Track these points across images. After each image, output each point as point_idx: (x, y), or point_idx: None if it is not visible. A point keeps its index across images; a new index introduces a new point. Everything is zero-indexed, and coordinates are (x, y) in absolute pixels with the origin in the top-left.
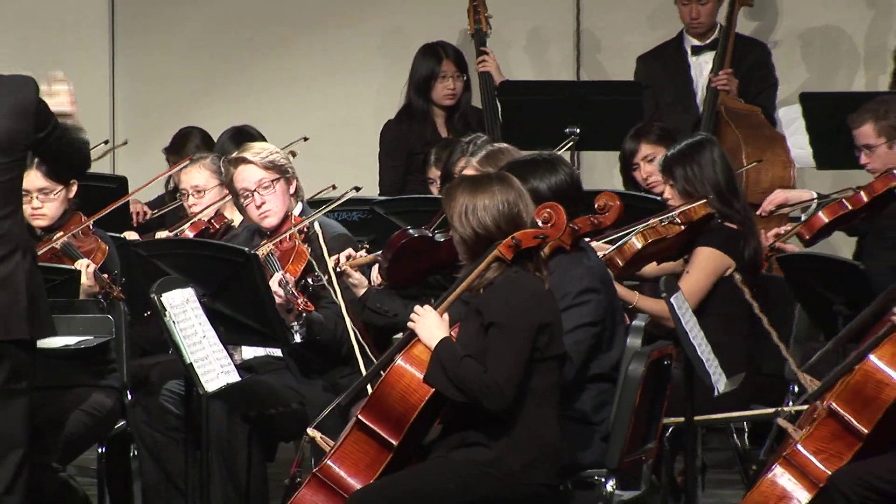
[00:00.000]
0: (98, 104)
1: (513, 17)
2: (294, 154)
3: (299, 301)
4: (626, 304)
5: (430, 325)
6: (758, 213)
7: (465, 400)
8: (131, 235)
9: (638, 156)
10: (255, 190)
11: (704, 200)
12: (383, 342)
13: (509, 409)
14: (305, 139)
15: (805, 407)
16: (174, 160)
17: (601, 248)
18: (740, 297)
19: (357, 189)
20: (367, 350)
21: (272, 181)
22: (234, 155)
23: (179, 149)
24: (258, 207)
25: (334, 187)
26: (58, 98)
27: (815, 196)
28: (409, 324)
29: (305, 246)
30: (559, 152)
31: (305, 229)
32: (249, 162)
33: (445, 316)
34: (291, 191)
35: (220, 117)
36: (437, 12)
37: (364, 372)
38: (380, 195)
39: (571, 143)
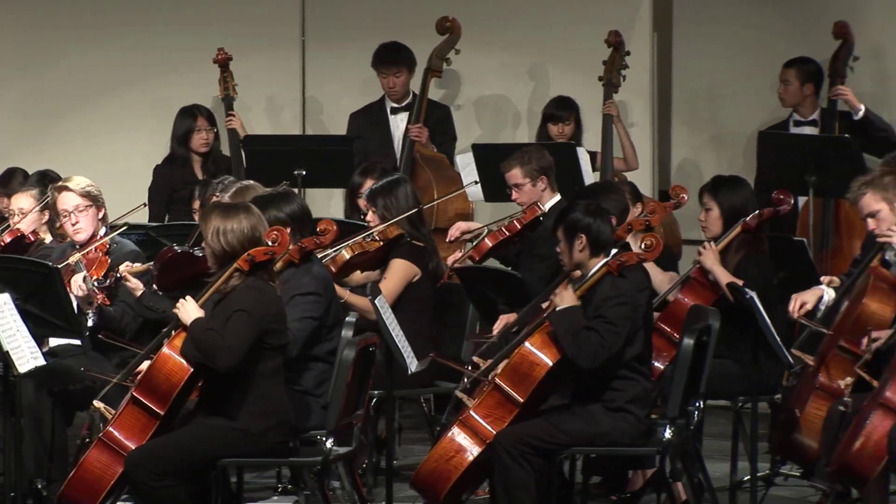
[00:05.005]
0: None
1: (254, 85)
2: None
3: (99, 297)
4: (339, 299)
5: (189, 310)
6: (446, 240)
7: (204, 360)
8: None
9: (363, 188)
10: (72, 211)
11: (396, 222)
12: (155, 332)
13: (237, 369)
14: None
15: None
16: (2, 191)
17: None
18: (425, 297)
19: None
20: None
21: (86, 206)
22: (60, 183)
23: (6, 183)
24: (73, 225)
25: (145, 205)
26: None
27: (485, 226)
28: (174, 310)
29: (107, 257)
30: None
31: (107, 245)
32: (71, 190)
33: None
34: (100, 216)
35: (32, 165)
36: (194, 82)
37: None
38: (149, 220)
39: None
